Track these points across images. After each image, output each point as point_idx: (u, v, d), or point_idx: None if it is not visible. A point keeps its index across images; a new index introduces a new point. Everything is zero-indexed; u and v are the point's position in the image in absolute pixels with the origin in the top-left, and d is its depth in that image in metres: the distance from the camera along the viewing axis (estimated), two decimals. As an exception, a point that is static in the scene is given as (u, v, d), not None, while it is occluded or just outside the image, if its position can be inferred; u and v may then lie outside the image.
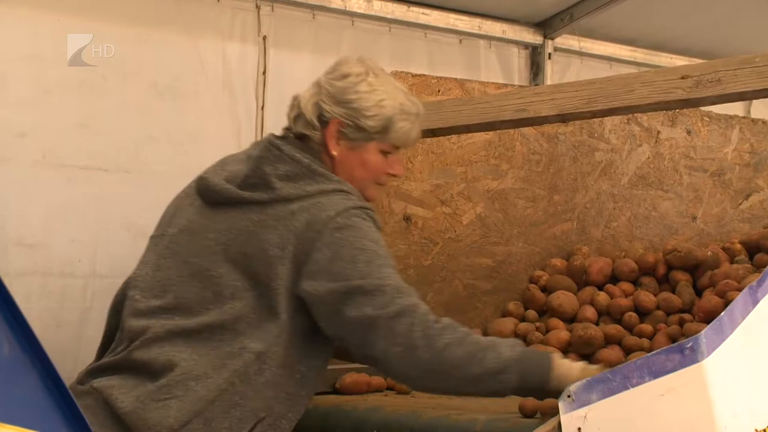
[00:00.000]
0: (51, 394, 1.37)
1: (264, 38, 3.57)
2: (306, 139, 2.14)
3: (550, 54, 4.37)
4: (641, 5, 4.20)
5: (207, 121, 3.42)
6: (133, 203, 3.18)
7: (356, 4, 3.77)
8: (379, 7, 3.85)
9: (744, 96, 2.47)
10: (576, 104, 2.61)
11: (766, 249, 3.12)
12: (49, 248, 3.10)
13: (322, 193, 2.01)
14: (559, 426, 1.73)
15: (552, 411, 1.85)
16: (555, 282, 3.14)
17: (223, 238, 2.00)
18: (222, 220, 2.03)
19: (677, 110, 3.57)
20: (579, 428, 1.71)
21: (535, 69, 4.39)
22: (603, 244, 3.44)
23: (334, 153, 2.12)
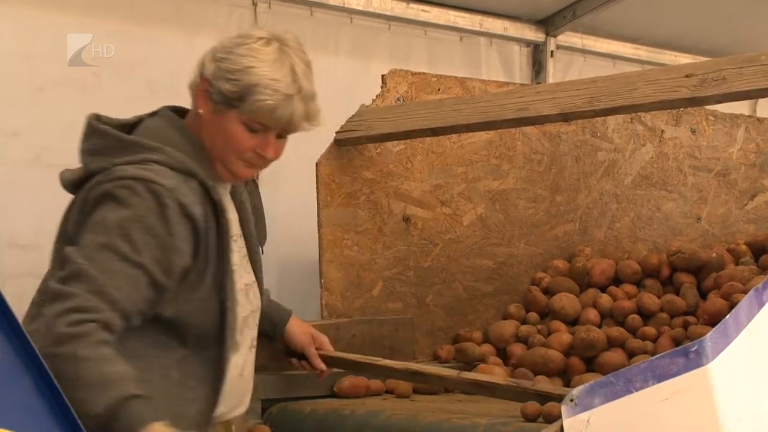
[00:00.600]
0: (44, 398, 1.38)
1: (261, 36, 3.55)
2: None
3: (552, 52, 4.35)
4: (645, 2, 4.19)
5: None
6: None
7: (355, 0, 3.74)
8: (378, 4, 3.81)
9: (749, 95, 2.45)
10: (578, 103, 2.59)
11: (771, 250, 3.12)
12: (43, 249, 3.04)
13: (126, 164, 1.90)
14: (561, 430, 1.71)
15: (554, 415, 1.83)
16: (557, 284, 3.12)
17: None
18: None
19: (681, 109, 3.55)
20: (581, 433, 1.69)
21: (537, 67, 4.38)
22: (606, 246, 3.43)
23: (200, 111, 1.98)
